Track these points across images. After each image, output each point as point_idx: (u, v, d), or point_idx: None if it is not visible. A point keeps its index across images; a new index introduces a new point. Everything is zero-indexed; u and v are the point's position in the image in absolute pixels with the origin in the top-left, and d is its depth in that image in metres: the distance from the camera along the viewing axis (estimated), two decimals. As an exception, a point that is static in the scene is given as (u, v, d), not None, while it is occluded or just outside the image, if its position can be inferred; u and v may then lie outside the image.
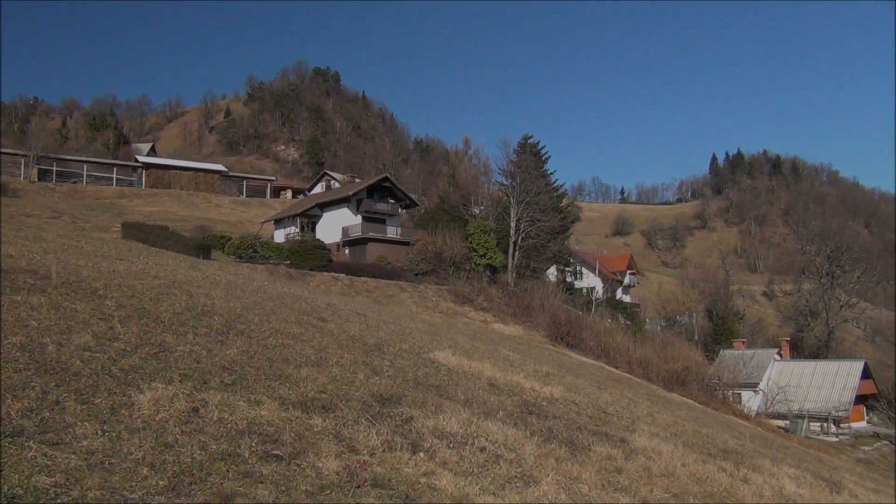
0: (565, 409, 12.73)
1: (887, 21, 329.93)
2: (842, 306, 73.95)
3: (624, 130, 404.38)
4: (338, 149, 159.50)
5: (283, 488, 5.25)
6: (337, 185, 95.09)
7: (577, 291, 64.54)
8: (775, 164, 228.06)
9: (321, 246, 48.28)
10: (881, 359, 68.89)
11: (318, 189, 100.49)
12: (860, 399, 53.40)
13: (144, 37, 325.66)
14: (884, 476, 35.54)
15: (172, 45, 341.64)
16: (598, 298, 65.36)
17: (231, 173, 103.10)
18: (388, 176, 67.14)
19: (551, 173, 66.26)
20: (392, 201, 61.64)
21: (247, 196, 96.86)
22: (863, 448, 45.27)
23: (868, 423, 54.02)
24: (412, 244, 52.28)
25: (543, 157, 65.87)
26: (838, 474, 17.56)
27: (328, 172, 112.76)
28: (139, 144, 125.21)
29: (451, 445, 7.49)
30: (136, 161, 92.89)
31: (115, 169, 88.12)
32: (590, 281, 73.61)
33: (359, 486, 5.72)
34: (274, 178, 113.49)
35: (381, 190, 61.75)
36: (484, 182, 68.18)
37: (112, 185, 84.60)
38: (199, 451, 5.48)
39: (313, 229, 60.15)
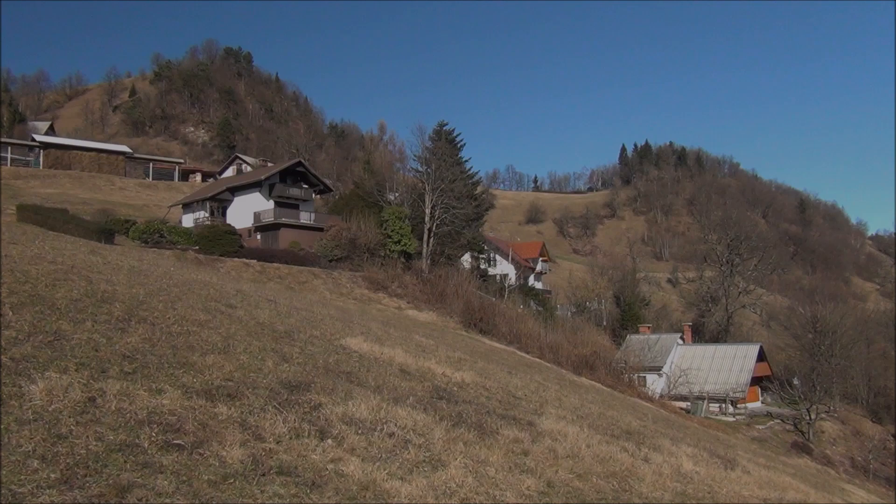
0: (476, 393, 12.89)
1: (793, 16, 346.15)
2: (740, 293, 77.46)
3: (538, 119, 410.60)
4: (250, 132, 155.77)
5: (185, 478, 5.13)
6: (249, 169, 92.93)
7: (490, 278, 65.32)
8: (681, 155, 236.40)
9: (232, 231, 47.19)
10: (775, 342, 72.66)
11: (230, 173, 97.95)
12: (755, 381, 56.29)
13: (41, 7, 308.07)
14: (775, 452, 37.63)
15: (72, 17, 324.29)
16: (511, 285, 66.39)
17: (137, 155, 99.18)
18: (302, 160, 66.09)
19: (466, 161, 66.77)
20: (306, 186, 60.74)
21: (153, 179, 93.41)
22: (757, 427, 47.78)
23: (762, 403, 57.02)
24: (326, 230, 51.74)
25: (458, 145, 66.23)
26: (733, 452, 18.45)
27: (240, 156, 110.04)
28: (36, 123, 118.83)
29: (359, 431, 7.48)
30: (33, 140, 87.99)
31: (9, 148, 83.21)
32: (503, 268, 74.59)
33: (264, 474, 5.66)
34: (182, 160, 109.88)
35: (295, 175, 60.74)
36: (399, 168, 68.17)
37: (6, 164, 80.00)
38: (94, 443, 5.29)
39: (224, 214, 58.65)
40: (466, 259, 66.11)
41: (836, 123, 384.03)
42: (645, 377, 52.41)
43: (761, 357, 57.51)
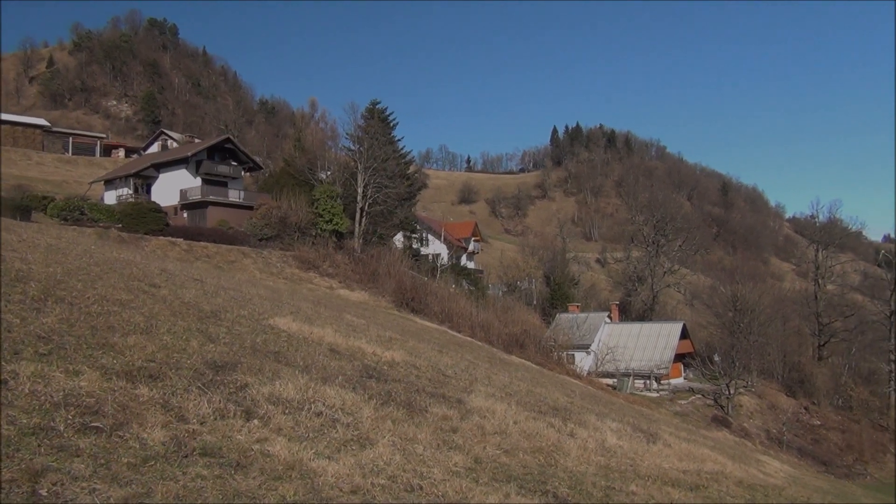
0: (406, 372, 12.93)
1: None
2: (665, 272, 79.61)
3: (471, 100, 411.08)
4: (176, 107, 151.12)
5: (102, 461, 4.99)
6: (175, 144, 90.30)
7: (423, 258, 65.39)
8: (610, 138, 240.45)
9: (157, 209, 45.85)
10: (698, 320, 75.09)
11: (154, 148, 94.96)
12: (679, 357, 58.12)
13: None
14: (696, 426, 39.04)
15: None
16: (444, 265, 66.62)
17: (55, 129, 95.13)
18: (231, 137, 64.55)
19: (399, 140, 66.45)
20: (234, 164, 59.41)
21: (73, 154, 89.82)
22: (679, 402, 49.43)
23: (685, 379, 58.96)
24: (256, 209, 50.80)
25: (391, 124, 65.79)
26: (656, 426, 19.04)
27: (165, 131, 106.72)
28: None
29: (286, 411, 7.42)
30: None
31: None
32: (435, 248, 74.76)
33: (186, 456, 5.55)
34: (104, 135, 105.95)
35: (223, 151, 59.32)
36: (331, 147, 67.17)
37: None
38: (6, 427, 5.08)
39: (148, 191, 56.86)
40: (399, 239, 65.99)
41: (754, 107, 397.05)
42: (573, 355, 53.51)
43: (684, 335, 59.40)
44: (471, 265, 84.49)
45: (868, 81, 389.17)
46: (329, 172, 57.04)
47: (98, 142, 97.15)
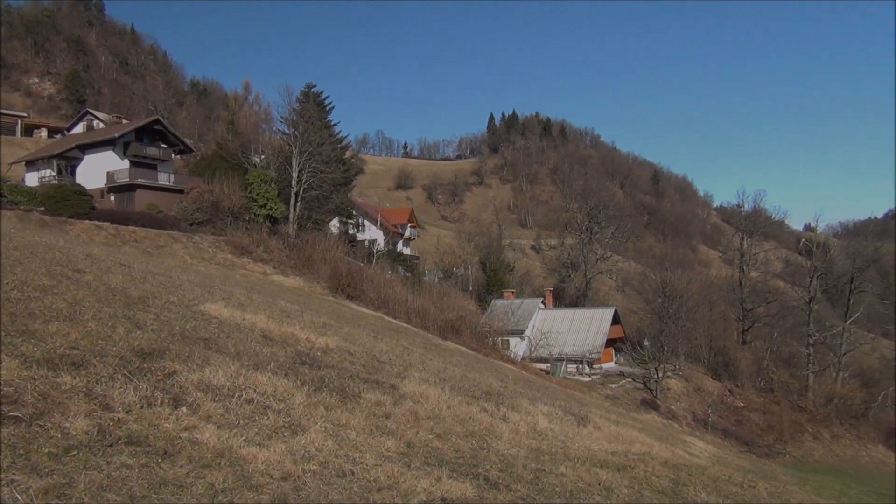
0: (340, 358, 12.88)
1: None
2: (598, 259, 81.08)
3: (408, 85, 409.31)
4: (102, 86, 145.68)
5: (22, 451, 4.84)
6: (101, 125, 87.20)
7: (359, 244, 65.03)
8: (546, 126, 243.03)
9: (82, 192, 44.32)
10: (629, 306, 76.80)
11: (79, 129, 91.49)
12: (610, 342, 59.41)
13: None
14: (626, 409, 40.04)
15: None
16: (380, 251, 66.39)
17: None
18: (161, 118, 62.78)
19: (335, 124, 65.70)
20: (164, 146, 57.81)
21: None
22: (610, 385, 50.53)
23: (616, 363, 60.32)
24: (187, 192, 49.59)
25: (327, 108, 65.03)
26: (587, 410, 19.47)
27: (91, 111, 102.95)
28: None
29: (216, 399, 7.31)
30: None
31: None
32: (372, 233, 74.44)
33: (111, 445, 5.43)
34: (25, 114, 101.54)
35: (152, 133, 57.64)
36: (265, 130, 66.04)
37: None
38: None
39: (73, 173, 54.85)
40: (335, 224, 65.44)
41: (683, 96, 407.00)
42: (508, 340, 54.11)
43: (616, 320, 60.69)
44: (407, 251, 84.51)
45: (792, 73, 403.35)
46: (263, 156, 56.05)
47: (18, 121, 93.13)
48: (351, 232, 68.03)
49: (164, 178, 54.22)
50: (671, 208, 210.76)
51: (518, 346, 55.39)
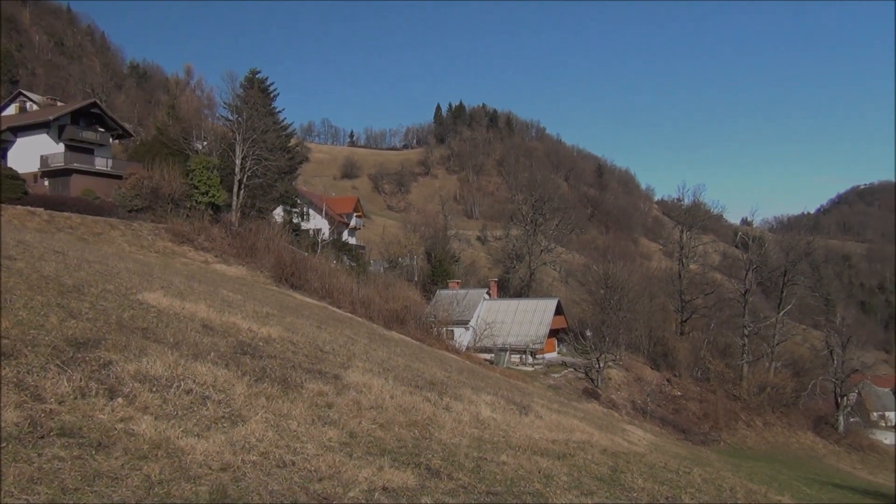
0: (282, 348, 12.76)
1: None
2: (542, 250, 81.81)
3: (355, 74, 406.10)
4: (36, 66, 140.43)
5: (-53, 444, 4.68)
6: (35, 107, 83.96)
7: (303, 233, 64.36)
8: (493, 118, 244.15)
9: (14, 176, 42.78)
10: (572, 297, 77.81)
11: (11, 111, 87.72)
12: (553, 333, 60.13)
13: None
14: (568, 398, 40.66)
15: None
16: (325, 240, 65.87)
17: None
18: (98, 101, 60.87)
19: (280, 111, 64.75)
20: (102, 130, 56.14)
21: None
22: (553, 375, 51.20)
23: (558, 353, 61.12)
24: (125, 178, 48.30)
25: (272, 94, 64.02)
26: (529, 399, 19.72)
27: (24, 92, 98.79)
28: None
29: (153, 389, 7.17)
30: None
31: None
32: (317, 223, 73.76)
33: (43, 437, 5.28)
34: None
35: (89, 116, 55.91)
36: (208, 116, 64.65)
37: None
38: None
39: (4, 157, 52.82)
40: (279, 213, 64.61)
41: (627, 92, 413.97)
42: (453, 331, 54.32)
43: (559, 311, 61.45)
44: (352, 241, 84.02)
45: (730, 69, 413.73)
46: (205, 143, 54.91)
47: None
48: (295, 221, 67.26)
49: (101, 164, 52.66)
50: (614, 201, 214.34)
51: (463, 337, 55.66)
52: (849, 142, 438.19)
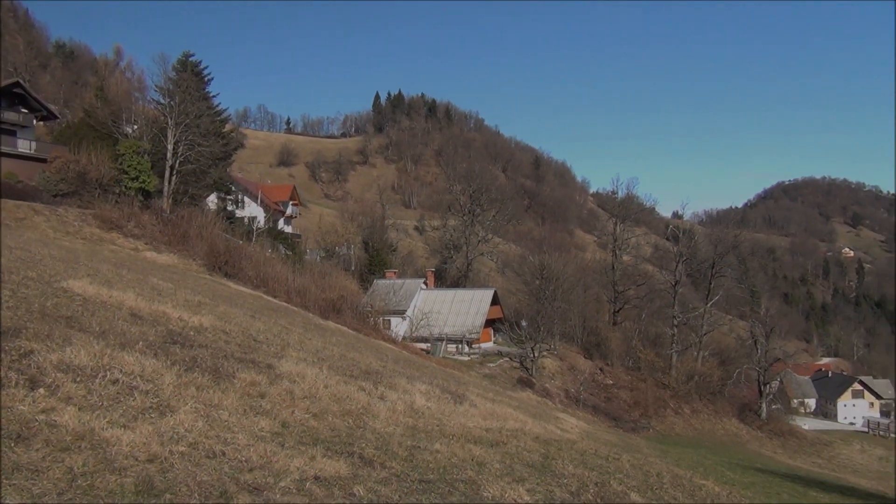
0: (214, 337, 12.53)
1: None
2: (479, 241, 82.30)
3: (292, 60, 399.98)
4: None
5: None
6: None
7: (238, 221, 63.14)
8: (431, 107, 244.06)
9: (-71, 157, 40.76)
10: (508, 287, 78.65)
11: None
12: (489, 322, 60.70)
13: None
14: (503, 387, 41.10)
15: None
16: (260, 228, 64.80)
17: None
18: (21, 81, 58.39)
19: (214, 96, 63.29)
20: (25, 111, 53.85)
21: None
22: (489, 365, 51.67)
23: (494, 343, 61.74)
24: (50, 161, 46.48)
25: (205, 78, 62.46)
26: (464, 388, 19.85)
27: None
28: None
29: (78, 379, 6.96)
30: None
31: None
32: (252, 210, 72.45)
33: (-43, 429, 5.08)
34: None
35: (12, 96, 53.53)
36: (138, 99, 62.66)
37: None
38: None
39: (-81, 137, 50.29)
40: (213, 200, 63.26)
41: (564, 85, 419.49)
42: (390, 320, 54.29)
43: (495, 301, 62.03)
44: (289, 229, 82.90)
45: (664, 65, 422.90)
46: (136, 126, 53.27)
47: None
48: (230, 208, 65.97)
49: (24, 146, 50.53)
50: (550, 193, 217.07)
51: (399, 326, 55.65)
52: (774, 138, 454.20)
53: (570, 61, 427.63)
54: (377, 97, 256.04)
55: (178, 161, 49.69)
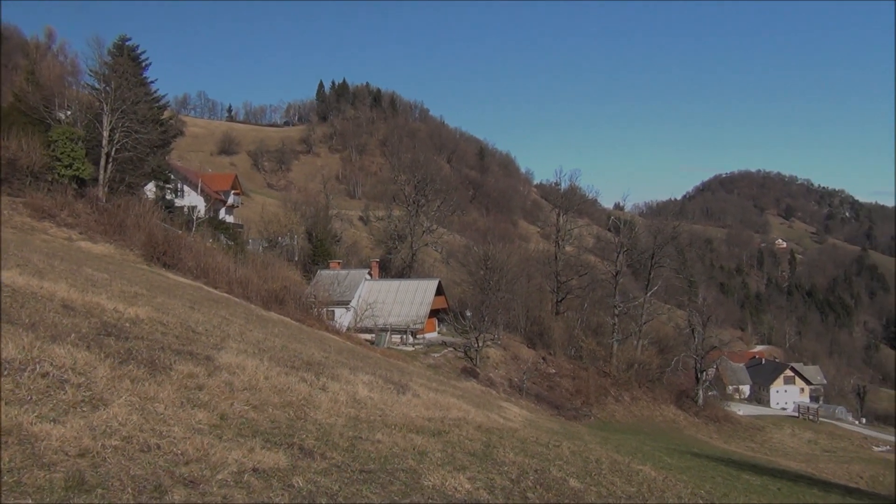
0: (151, 329, 12.26)
1: None
2: (424, 231, 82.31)
3: (232, 45, 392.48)
4: None
5: None
6: None
7: (177, 210, 61.76)
8: (376, 97, 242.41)
9: None
10: (452, 278, 78.98)
11: None
12: (434, 313, 60.85)
13: None
14: (447, 377, 41.28)
15: None
16: (201, 218, 63.53)
17: None
18: (-54, 64, 55.92)
19: (152, 82, 61.54)
20: (-50, 95, 51.70)
21: None
22: (433, 355, 51.86)
23: (439, 333, 61.94)
24: (-23, 148, 44.70)
25: (143, 63, 60.78)
26: (408, 378, 19.87)
27: None
28: None
29: (5, 373, 6.72)
30: None
31: None
32: (192, 199, 70.95)
33: None
34: None
35: (-65, 80, 51.36)
36: (72, 84, 60.63)
37: None
38: None
39: None
40: (151, 188, 61.69)
41: (509, 77, 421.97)
42: (334, 311, 53.94)
43: (440, 291, 62.19)
44: (230, 219, 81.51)
45: (598, 55, 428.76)
46: (69, 112, 51.55)
47: None
48: (169, 197, 64.44)
49: (-51, 131, 48.50)
50: (495, 184, 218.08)
51: (343, 317, 55.36)
52: (712, 132, 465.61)
53: (513, 52, 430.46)
54: (321, 86, 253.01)
55: (114, 148, 48.28)
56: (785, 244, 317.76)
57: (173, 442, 6.22)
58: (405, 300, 59.12)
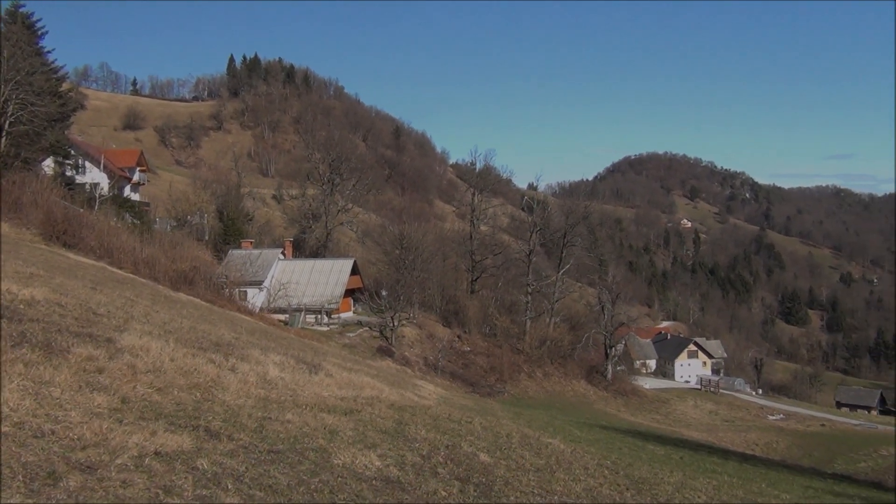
0: (47, 311, 11.71)
1: None
2: (339, 210, 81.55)
3: (136, 14, 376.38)
4: None
5: None
6: None
7: (78, 187, 59.00)
8: (290, 73, 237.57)
9: None
10: (368, 257, 78.55)
11: None
12: (349, 292, 60.52)
13: None
14: (362, 357, 41.20)
15: None
16: (104, 196, 60.93)
17: None
18: None
19: (49, 52, 58.37)
20: None
21: None
22: (348, 335, 51.66)
23: (354, 312, 61.69)
24: None
25: (38, 31, 57.56)
26: (321, 358, 19.70)
27: None
28: None
29: None
30: None
31: None
32: (94, 176, 67.90)
33: None
34: None
35: None
36: (-40, 52, 56.87)
37: None
38: None
39: None
40: (49, 164, 58.73)
41: (426, 55, 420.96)
42: (246, 291, 52.86)
43: (355, 271, 61.85)
44: (136, 197, 78.47)
45: (521, 34, 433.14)
46: (-43, 82, 48.41)
47: None
48: (69, 174, 61.50)
49: None
50: (411, 163, 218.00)
51: (256, 297, 54.38)
52: (624, 115, 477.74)
53: (428, 30, 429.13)
54: (231, 60, 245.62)
55: (7, 122, 45.70)
56: (690, 224, 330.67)
57: (69, 427, 5.99)
58: (320, 280, 58.54)
